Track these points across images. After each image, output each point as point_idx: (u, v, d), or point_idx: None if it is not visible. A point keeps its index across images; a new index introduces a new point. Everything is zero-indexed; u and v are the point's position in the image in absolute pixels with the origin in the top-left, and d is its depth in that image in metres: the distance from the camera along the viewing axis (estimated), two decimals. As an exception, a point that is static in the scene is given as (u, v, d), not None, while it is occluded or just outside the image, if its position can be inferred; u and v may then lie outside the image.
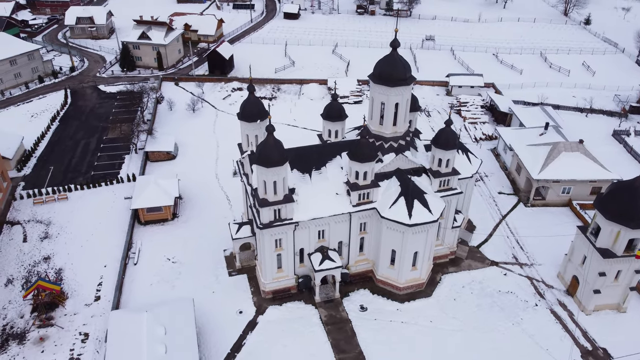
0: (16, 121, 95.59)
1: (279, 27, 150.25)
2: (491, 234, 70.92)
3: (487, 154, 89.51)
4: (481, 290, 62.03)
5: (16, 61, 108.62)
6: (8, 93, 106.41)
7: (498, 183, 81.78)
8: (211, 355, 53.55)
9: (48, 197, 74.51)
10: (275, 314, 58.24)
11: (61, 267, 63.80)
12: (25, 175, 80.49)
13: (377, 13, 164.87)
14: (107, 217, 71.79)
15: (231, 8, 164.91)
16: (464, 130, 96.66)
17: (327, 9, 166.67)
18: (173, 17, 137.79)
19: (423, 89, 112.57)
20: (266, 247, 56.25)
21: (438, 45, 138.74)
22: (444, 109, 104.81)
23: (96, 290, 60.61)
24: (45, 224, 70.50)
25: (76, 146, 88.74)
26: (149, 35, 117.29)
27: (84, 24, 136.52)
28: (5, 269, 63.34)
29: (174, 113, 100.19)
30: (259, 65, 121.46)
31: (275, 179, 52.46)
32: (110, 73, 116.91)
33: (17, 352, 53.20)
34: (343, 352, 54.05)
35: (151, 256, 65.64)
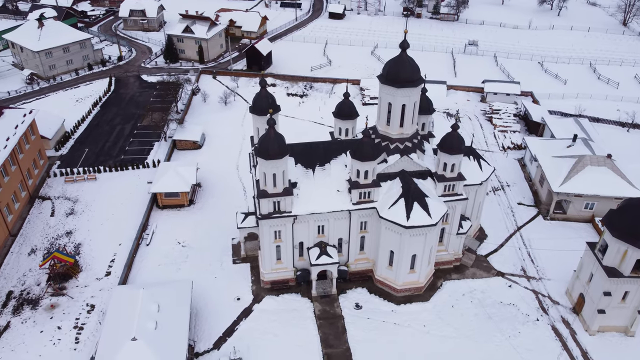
0: (62, 104, 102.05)
1: (323, 26, 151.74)
2: (502, 244, 69.23)
3: (513, 164, 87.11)
4: (482, 300, 60.82)
5: (69, 49, 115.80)
6: (59, 78, 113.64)
7: (519, 194, 79.52)
8: (204, 336, 55.66)
9: (78, 177, 79.36)
10: (271, 304, 59.61)
11: (80, 242, 67.94)
12: (62, 155, 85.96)
13: (423, 16, 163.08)
14: (129, 199, 75.52)
15: (278, 6, 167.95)
16: (493, 137, 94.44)
17: (373, 10, 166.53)
18: (219, 12, 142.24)
19: (457, 94, 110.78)
20: (265, 238, 57.75)
21: (481, 51, 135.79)
22: (475, 115, 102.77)
23: (108, 266, 64.15)
24: (72, 201, 75.16)
25: (112, 131, 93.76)
26: (192, 29, 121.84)
27: (136, 17, 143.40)
28: (31, 239, 68.16)
29: (207, 105, 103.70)
30: (296, 62, 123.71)
31: (274, 172, 53.78)
32: (154, 64, 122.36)
33: (29, 316, 57.34)
34: (330, 347, 54.67)
35: (163, 239, 68.67)
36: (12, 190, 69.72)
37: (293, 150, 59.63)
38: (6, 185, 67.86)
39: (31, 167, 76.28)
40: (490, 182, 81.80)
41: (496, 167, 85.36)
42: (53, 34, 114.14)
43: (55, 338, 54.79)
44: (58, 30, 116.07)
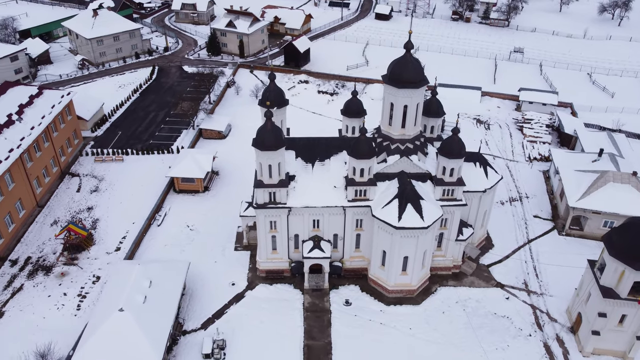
0: (106, 89, 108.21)
1: (367, 26, 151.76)
2: (508, 255, 67.41)
3: (537, 176, 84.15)
4: (475, 309, 59.64)
5: (119, 37, 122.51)
6: (108, 65, 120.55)
7: (538, 206, 76.86)
8: (194, 316, 58.04)
9: (107, 157, 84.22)
10: (263, 292, 61.16)
11: (98, 217, 72.30)
12: (97, 136, 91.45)
13: (472, 21, 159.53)
14: (150, 181, 79.25)
15: (327, 5, 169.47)
16: (521, 147, 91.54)
17: (421, 12, 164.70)
18: (266, 9, 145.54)
19: (492, 101, 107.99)
20: (261, 227, 59.39)
21: (526, 59, 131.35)
22: (506, 123, 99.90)
23: (119, 242, 67.95)
24: (98, 180, 79.97)
25: (146, 117, 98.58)
26: (235, 24, 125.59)
27: (187, 10, 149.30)
28: (55, 211, 73.25)
29: (239, 97, 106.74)
30: (333, 61, 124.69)
31: (270, 163, 55.24)
32: (197, 56, 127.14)
33: (41, 281, 61.90)
34: (312, 339, 55.53)
35: (174, 221, 71.85)
36: (44, 165, 75.14)
37: (295, 144, 61.14)
38: (37, 160, 73.25)
39: (65, 145, 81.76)
40: (509, 192, 79.78)
41: (519, 178, 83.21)
42: (105, 23, 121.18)
43: (60, 303, 58.89)
44: (110, 20, 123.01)
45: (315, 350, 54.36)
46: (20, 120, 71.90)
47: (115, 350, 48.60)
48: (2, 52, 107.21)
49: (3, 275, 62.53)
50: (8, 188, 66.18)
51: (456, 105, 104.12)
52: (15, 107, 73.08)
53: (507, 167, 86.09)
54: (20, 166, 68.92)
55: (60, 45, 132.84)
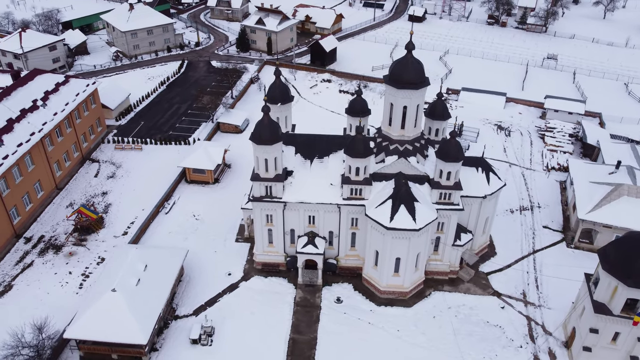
0: (136, 81, 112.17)
1: (399, 28, 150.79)
2: (510, 265, 65.92)
3: (553, 186, 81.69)
4: (467, 316, 58.73)
5: (152, 31, 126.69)
6: (140, 57, 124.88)
7: (549, 217, 74.72)
8: (188, 302, 59.75)
9: (127, 145, 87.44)
10: (257, 284, 62.24)
11: (111, 202, 75.25)
12: (120, 125, 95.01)
13: (508, 25, 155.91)
14: (164, 171, 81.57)
15: (361, 5, 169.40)
16: (540, 156, 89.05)
17: (456, 15, 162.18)
18: (298, 7, 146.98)
19: (516, 107, 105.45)
20: (257, 220, 60.48)
21: (560, 66, 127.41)
22: (528, 131, 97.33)
23: (127, 227, 70.54)
24: (116, 166, 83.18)
25: (169, 109, 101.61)
26: (264, 22, 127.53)
27: (222, 7, 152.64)
28: (72, 194, 76.75)
29: (261, 93, 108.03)
30: (360, 61, 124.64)
31: (266, 157, 56.20)
32: (226, 52, 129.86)
33: (50, 259, 65.11)
34: (299, 333, 56.15)
35: (181, 210, 73.96)
36: (65, 149, 78.84)
37: (295, 140, 61.92)
38: (59, 145, 76.97)
39: (87, 132, 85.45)
40: (521, 200, 77.91)
41: (533, 187, 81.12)
42: (140, 17, 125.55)
43: (64, 281, 61.81)
44: (145, 14, 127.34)
45: (299, 344, 54.95)
46: (45, 105, 75.73)
47: (104, 329, 50.70)
48: (42, 42, 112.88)
49: (16, 251, 66.13)
50: (28, 169, 69.87)
51: (478, 111, 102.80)
52: (41, 94, 77.02)
53: (522, 175, 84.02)
54: (41, 149, 72.60)
55: (99, 37, 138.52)
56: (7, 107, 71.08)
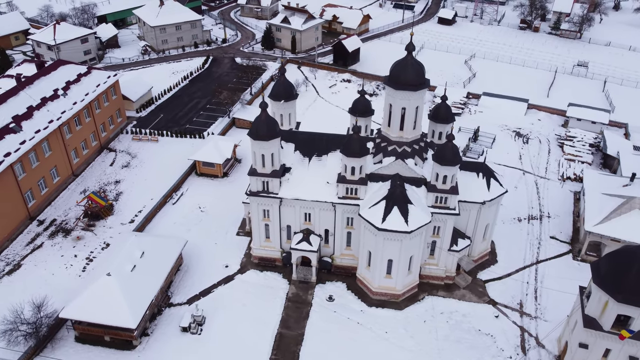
0: (160, 74, 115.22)
1: (427, 30, 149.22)
2: (510, 274, 64.57)
3: (567, 196, 79.33)
4: (459, 322, 57.92)
5: (181, 27, 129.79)
6: (168, 52, 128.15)
7: (558, 227, 72.70)
8: (183, 291, 61.22)
9: (143, 137, 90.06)
10: (252, 277, 63.13)
11: (122, 190, 77.73)
12: (140, 117, 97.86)
13: (541, 30, 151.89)
14: (177, 162, 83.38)
15: (391, 7, 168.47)
16: (557, 165, 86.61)
17: (488, 19, 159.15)
18: (325, 7, 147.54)
19: (538, 114, 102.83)
20: (254, 215, 61.37)
21: (590, 74, 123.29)
22: (548, 139, 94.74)
23: (135, 215, 72.72)
24: (131, 156, 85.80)
25: (189, 103, 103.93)
26: (289, 20, 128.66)
27: (252, 5, 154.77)
28: (87, 181, 79.67)
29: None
30: (383, 62, 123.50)
31: (263, 152, 57.00)
32: (251, 49, 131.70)
33: (59, 242, 67.87)
34: (287, 328, 56.69)
35: (188, 201, 75.70)
36: (83, 138, 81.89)
37: (296, 137, 62.46)
38: (77, 133, 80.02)
39: (107, 122, 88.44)
40: (530, 209, 76.09)
41: (545, 197, 79.07)
42: (170, 13, 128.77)
43: (69, 264, 64.34)
44: (174, 10, 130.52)
45: (286, 339, 55.48)
46: (65, 95, 78.89)
47: (98, 311, 52.55)
48: (74, 34, 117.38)
49: (29, 233, 69.22)
50: (45, 155, 72.97)
51: (498, 116, 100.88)
52: (62, 83, 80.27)
53: (535, 183, 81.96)
54: (59, 137, 75.68)
55: (132, 31, 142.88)
56: (28, 95, 74.43)
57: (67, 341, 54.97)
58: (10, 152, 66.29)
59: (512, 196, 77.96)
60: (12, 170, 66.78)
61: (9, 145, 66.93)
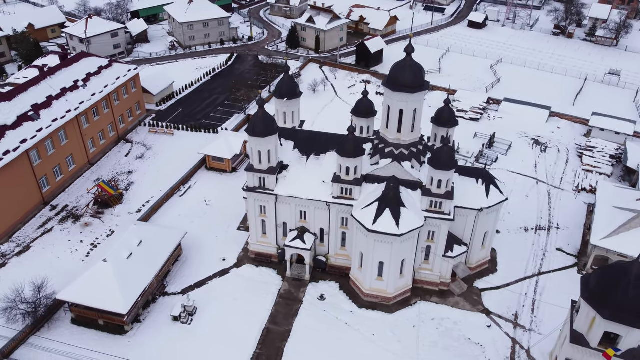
0: (185, 70, 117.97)
1: (456, 34, 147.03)
2: (509, 284, 63.04)
3: (580, 208, 76.73)
4: (449, 330, 57.00)
5: (208, 24, 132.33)
6: (194, 48, 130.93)
7: (566, 239, 70.49)
8: (180, 281, 62.63)
9: (160, 130, 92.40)
10: (247, 272, 63.93)
11: (134, 181, 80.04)
12: (159, 110, 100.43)
13: (575, 37, 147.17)
14: (189, 156, 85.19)
15: (422, 9, 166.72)
16: (573, 176, 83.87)
17: (521, 23, 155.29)
18: (353, 8, 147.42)
19: (560, 122, 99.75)
20: (251, 210, 62.18)
21: (622, 83, 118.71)
22: (567, 148, 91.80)
23: (142, 205, 74.75)
24: (147, 148, 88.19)
25: (208, 98, 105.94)
26: (314, 20, 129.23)
27: (281, 4, 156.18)
28: (102, 170, 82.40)
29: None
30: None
31: (259, 149, 57.65)
32: (276, 47, 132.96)
33: (67, 227, 70.52)
34: (274, 324, 57.17)
35: (195, 194, 77.25)
36: (101, 128, 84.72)
37: (295, 135, 62.86)
38: (95, 123, 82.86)
39: (125, 114, 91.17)
40: (539, 220, 74.03)
41: (557, 207, 76.76)
42: (198, 10, 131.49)
43: (74, 248, 66.77)
44: (203, 7, 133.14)
45: (272, 335, 55.98)
46: (85, 86, 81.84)
47: (92, 295, 54.41)
48: (104, 29, 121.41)
49: (41, 217, 72.18)
50: (61, 143, 75.95)
51: (517, 123, 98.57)
52: (83, 75, 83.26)
53: (548, 193, 79.63)
54: (76, 126, 78.59)
55: (163, 27, 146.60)
56: (49, 85, 77.58)
57: (63, 322, 57.10)
58: (27, 138, 69.35)
59: (521, 205, 76.24)
60: (27, 157, 69.82)
61: (26, 132, 70.03)
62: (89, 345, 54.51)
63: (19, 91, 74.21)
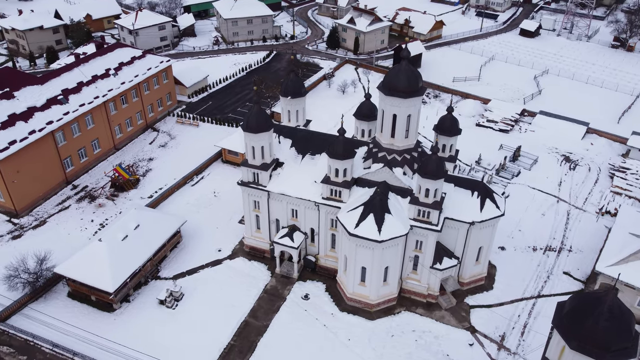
0: (223, 65, 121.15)
1: (505, 41, 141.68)
2: (502, 303, 60.37)
3: (600, 231, 71.92)
4: (428, 343, 55.41)
5: (252, 21, 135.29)
6: (237, 44, 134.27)
7: (576, 263, 66.51)
8: (174, 266, 64.80)
9: (186, 120, 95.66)
10: (239, 265, 65.09)
11: (152, 168, 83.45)
12: (191, 102, 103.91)
13: (636, 50, 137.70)
14: (209, 147, 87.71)
15: (474, 14, 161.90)
16: (600, 197, 78.83)
17: (578, 34, 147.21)
18: (399, 11, 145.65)
19: (598, 140, 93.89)
20: (245, 204, 63.23)
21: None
22: (599, 167, 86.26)
23: (154, 192, 77.79)
24: (171, 138, 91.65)
25: (239, 93, 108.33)
26: (355, 21, 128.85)
27: (329, 4, 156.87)
28: (125, 155, 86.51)
29: (329, 90, 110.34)
30: (445, 71, 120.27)
31: (253, 144, 58.57)
32: (315, 47, 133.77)
33: (83, 206, 74.68)
34: (254, 318, 57.94)
35: (205, 185, 79.48)
36: (128, 116, 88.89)
37: (294, 134, 63.27)
38: (122, 110, 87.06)
39: (155, 104, 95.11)
40: (551, 240, 70.31)
41: (574, 229, 72.61)
42: (243, 7, 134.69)
43: (84, 227, 70.65)
44: (249, 4, 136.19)
45: (249, 328, 56.74)
46: (116, 75, 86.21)
47: (85, 272, 57.50)
48: (153, 21, 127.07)
49: (62, 195, 76.87)
50: (87, 127, 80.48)
51: (550, 137, 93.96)
52: (115, 64, 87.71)
53: (567, 213, 75.34)
54: (103, 112, 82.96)
55: (211, 22, 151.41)
56: (81, 72, 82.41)
57: (60, 295, 60.64)
58: (53, 120, 74.07)
59: (535, 223, 72.78)
60: (53, 138, 74.57)
61: (54, 115, 74.80)
62: (79, 318, 57.64)
63: (52, 76, 79.38)
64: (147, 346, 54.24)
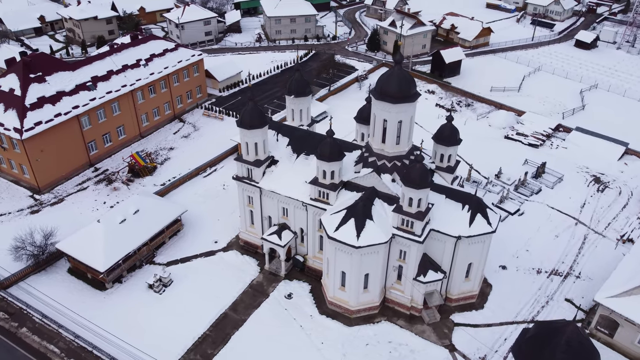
0: (260, 61, 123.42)
1: (556, 52, 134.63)
2: (490, 324, 57.62)
3: (617, 259, 66.17)
4: (403, 357, 53.88)
5: (295, 20, 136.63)
6: (279, 42, 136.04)
7: (581, 291, 62.31)
8: (168, 253, 66.84)
9: (212, 114, 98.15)
10: (231, 258, 66.11)
11: (170, 157, 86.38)
12: (221, 96, 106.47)
13: None
14: (227, 142, 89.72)
15: (528, 23, 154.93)
16: (625, 223, 73.32)
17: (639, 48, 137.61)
18: (447, 16, 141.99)
19: (635, 162, 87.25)
20: (240, 200, 64.13)
21: None
22: (631, 191, 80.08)
23: (167, 180, 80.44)
24: (195, 129, 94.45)
25: (270, 90, 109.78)
26: (396, 24, 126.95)
27: (377, 6, 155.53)
28: (149, 143, 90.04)
29: (360, 92, 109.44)
30: (483, 79, 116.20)
31: (247, 140, 59.27)
32: (355, 48, 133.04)
33: (100, 188, 78.50)
34: (234, 311, 58.70)
35: (216, 178, 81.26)
36: (156, 105, 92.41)
37: (292, 133, 63.42)
38: (149, 100, 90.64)
39: (184, 96, 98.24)
40: (560, 264, 66.32)
41: (588, 254, 68.06)
42: (287, 5, 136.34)
43: (96, 208, 74.28)
44: (293, 3, 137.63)
45: (226, 321, 57.53)
46: (146, 65, 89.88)
47: (82, 250, 60.61)
48: (198, 16, 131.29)
49: (83, 176, 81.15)
50: (113, 114, 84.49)
51: (582, 156, 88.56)
52: (147, 55, 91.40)
53: (584, 237, 70.69)
54: (130, 100, 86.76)
55: (259, 19, 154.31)
56: (112, 61, 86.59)
57: (61, 269, 64.13)
58: (79, 105, 78.39)
59: (545, 244, 68.98)
60: (78, 122, 78.93)
61: (80, 100, 79.14)
62: (73, 293, 60.72)
63: (84, 63, 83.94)
64: (127, 327, 56.28)
